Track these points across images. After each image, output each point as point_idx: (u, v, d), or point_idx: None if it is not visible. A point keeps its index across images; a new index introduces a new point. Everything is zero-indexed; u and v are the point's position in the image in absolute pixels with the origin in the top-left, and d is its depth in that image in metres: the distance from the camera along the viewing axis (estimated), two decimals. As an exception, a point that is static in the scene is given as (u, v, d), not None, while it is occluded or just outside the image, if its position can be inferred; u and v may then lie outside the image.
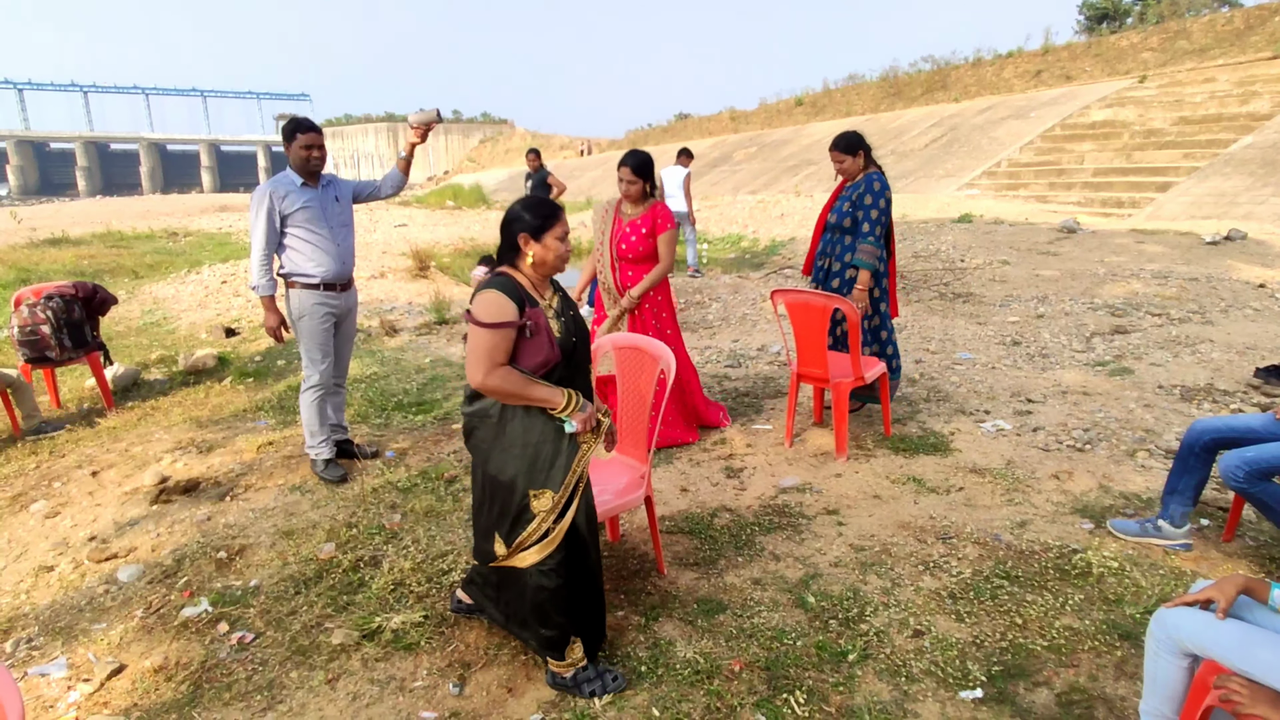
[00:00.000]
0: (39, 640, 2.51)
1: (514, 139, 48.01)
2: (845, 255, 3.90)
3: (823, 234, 4.05)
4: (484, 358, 1.99)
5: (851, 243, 3.85)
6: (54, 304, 4.61)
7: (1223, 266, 7.44)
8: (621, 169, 3.62)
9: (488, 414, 2.11)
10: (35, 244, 13.03)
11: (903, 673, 2.19)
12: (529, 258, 2.11)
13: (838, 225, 3.92)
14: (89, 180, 64.96)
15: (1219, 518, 2.98)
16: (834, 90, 26.94)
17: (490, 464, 2.12)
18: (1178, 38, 17.70)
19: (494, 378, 2.00)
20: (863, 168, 3.90)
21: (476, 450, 2.17)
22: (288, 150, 3.40)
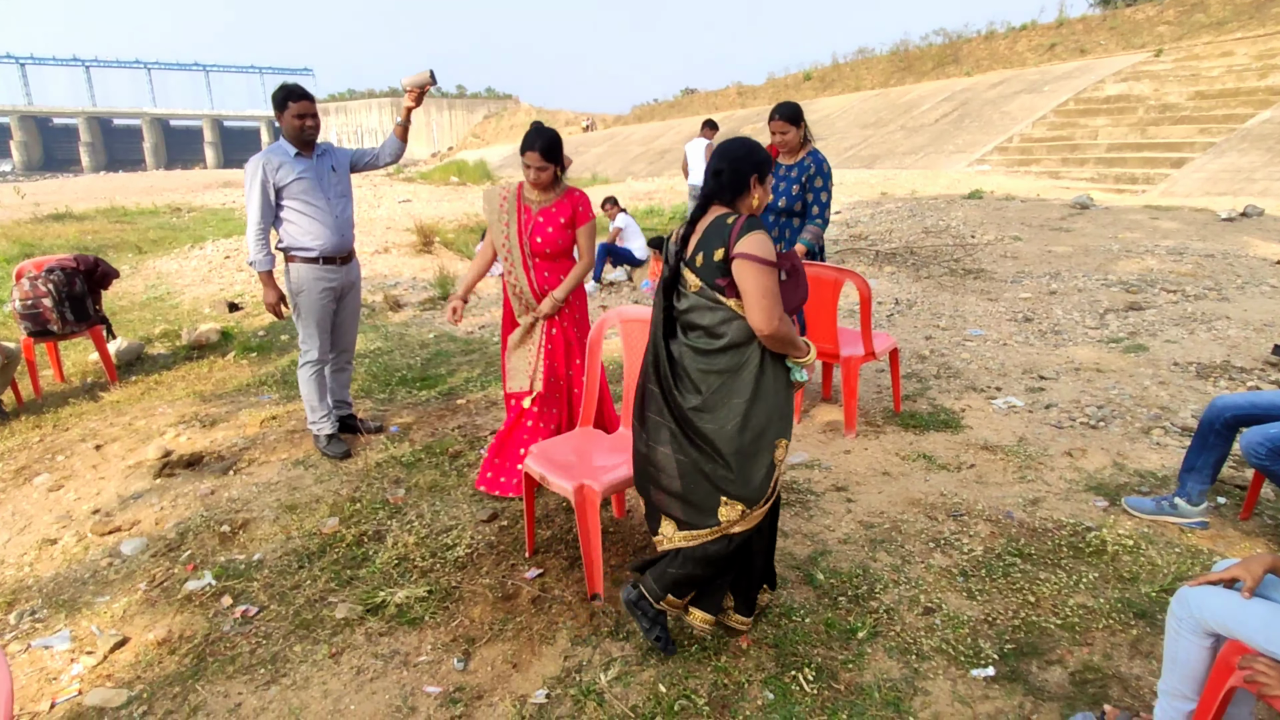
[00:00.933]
0: (42, 613, 2.50)
1: (518, 115, 47.55)
2: (796, 240, 3.70)
3: (764, 216, 3.75)
4: (774, 300, 1.88)
5: (801, 225, 3.70)
6: (55, 277, 4.57)
7: (1239, 243, 7.31)
8: (528, 154, 2.91)
9: (748, 363, 1.96)
10: (39, 219, 13.00)
11: (913, 650, 2.16)
12: (755, 199, 2.02)
13: (786, 209, 3.69)
14: (92, 156, 64.81)
15: (1236, 496, 2.92)
16: (843, 64, 26.54)
17: (750, 417, 1.96)
18: (1195, 10, 17.30)
19: (784, 322, 1.90)
20: (801, 143, 3.70)
21: (719, 406, 1.96)
22: (280, 120, 3.30)
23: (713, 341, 1.97)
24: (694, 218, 2.03)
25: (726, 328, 1.95)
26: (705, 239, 1.97)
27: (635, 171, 23.31)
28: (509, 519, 2.93)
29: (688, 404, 1.99)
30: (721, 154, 2.01)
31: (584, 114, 42.94)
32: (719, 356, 1.97)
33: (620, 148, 28.80)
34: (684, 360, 2.02)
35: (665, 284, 2.07)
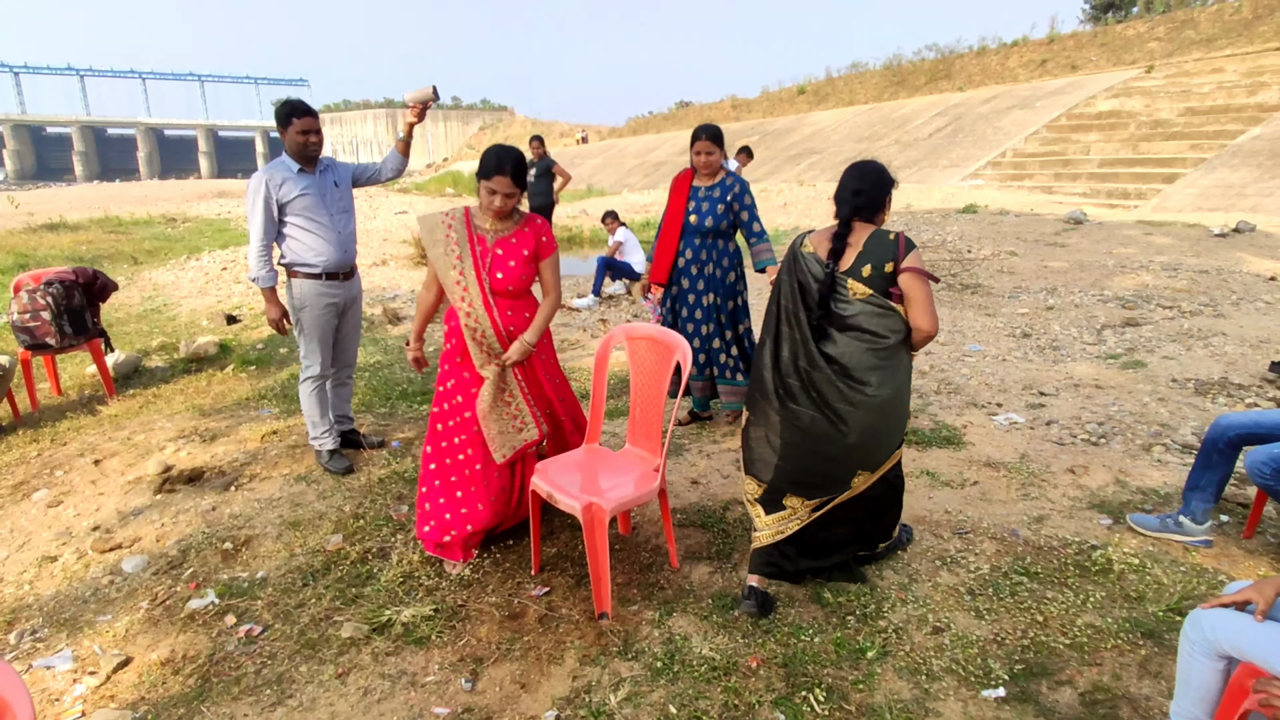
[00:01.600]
0: (43, 632, 2.47)
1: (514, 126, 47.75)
2: (724, 260, 3.70)
3: (684, 239, 3.71)
4: (934, 306, 2.28)
5: (725, 245, 3.70)
6: (54, 290, 4.54)
7: (1232, 259, 7.39)
8: (496, 178, 2.51)
9: (903, 358, 2.35)
10: (33, 229, 12.94)
11: (923, 670, 2.15)
12: (886, 217, 2.37)
13: (713, 229, 3.64)
14: (86, 165, 64.62)
15: (1239, 514, 2.94)
16: (837, 78, 26.80)
17: (900, 396, 2.36)
18: (1185, 27, 17.56)
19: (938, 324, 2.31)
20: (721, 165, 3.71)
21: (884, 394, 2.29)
22: (283, 135, 3.29)
23: (880, 341, 2.27)
24: (840, 233, 2.30)
25: (893, 329, 2.27)
26: (868, 253, 2.26)
27: (631, 183, 23.41)
28: (514, 536, 2.92)
29: (857, 395, 2.29)
30: (861, 175, 2.32)
31: (579, 125, 43.15)
32: (884, 353, 2.28)
33: (616, 160, 28.93)
34: (849, 358, 2.29)
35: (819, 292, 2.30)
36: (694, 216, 3.66)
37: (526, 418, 2.73)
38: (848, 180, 2.32)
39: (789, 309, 2.36)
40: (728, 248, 3.72)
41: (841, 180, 2.36)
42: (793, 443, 2.36)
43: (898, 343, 2.29)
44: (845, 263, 2.28)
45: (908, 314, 2.27)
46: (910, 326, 2.28)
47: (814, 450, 2.35)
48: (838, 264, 2.29)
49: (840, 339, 2.30)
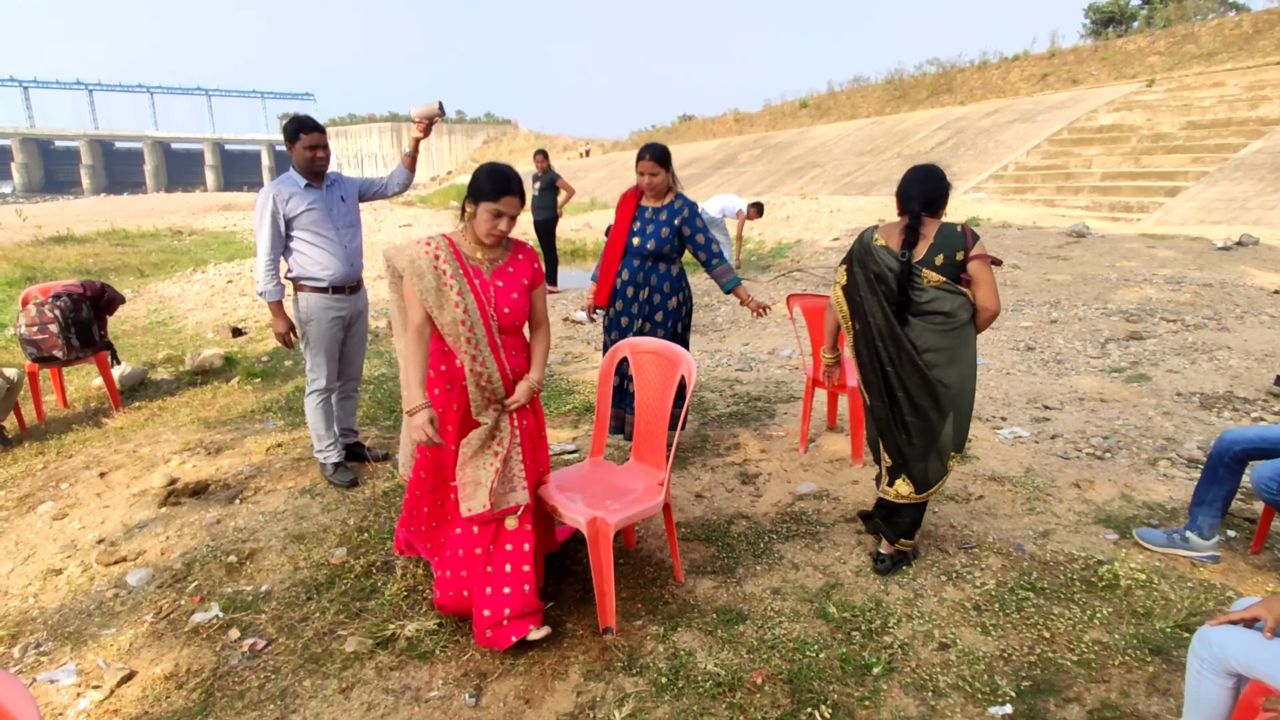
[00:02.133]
0: (47, 645, 2.47)
1: (518, 139, 48.06)
2: (664, 285, 3.51)
3: (624, 260, 3.52)
4: (997, 288, 2.54)
5: (668, 270, 3.50)
6: (62, 303, 4.57)
7: (1236, 272, 7.39)
8: (504, 199, 2.26)
9: (970, 336, 2.56)
10: (40, 242, 13.04)
11: (929, 687, 2.14)
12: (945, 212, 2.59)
13: (655, 252, 3.45)
14: (93, 178, 65.15)
15: (1246, 529, 2.92)
16: (839, 92, 26.93)
17: (972, 369, 2.58)
18: (1185, 42, 17.64)
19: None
20: (668, 187, 3.51)
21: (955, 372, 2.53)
22: (290, 151, 3.32)
23: (950, 321, 2.50)
24: (912, 227, 2.51)
25: (962, 310, 2.50)
26: (939, 244, 2.51)
27: (634, 197, 23.48)
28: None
29: (936, 375, 2.52)
30: (925, 177, 2.54)
31: (582, 139, 43.40)
32: (955, 333, 2.52)
33: (619, 173, 29.05)
34: (923, 339, 2.52)
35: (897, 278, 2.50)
36: (636, 238, 3.46)
37: (518, 478, 2.37)
38: (914, 180, 2.54)
39: (867, 300, 2.58)
40: (670, 272, 3.51)
41: (906, 181, 2.56)
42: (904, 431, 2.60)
43: (965, 321, 2.53)
44: (919, 254, 2.51)
45: (975, 296, 2.51)
46: (976, 307, 2.53)
47: (920, 433, 2.57)
48: (911, 254, 2.50)
49: (915, 323, 2.53)
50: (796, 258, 10.70)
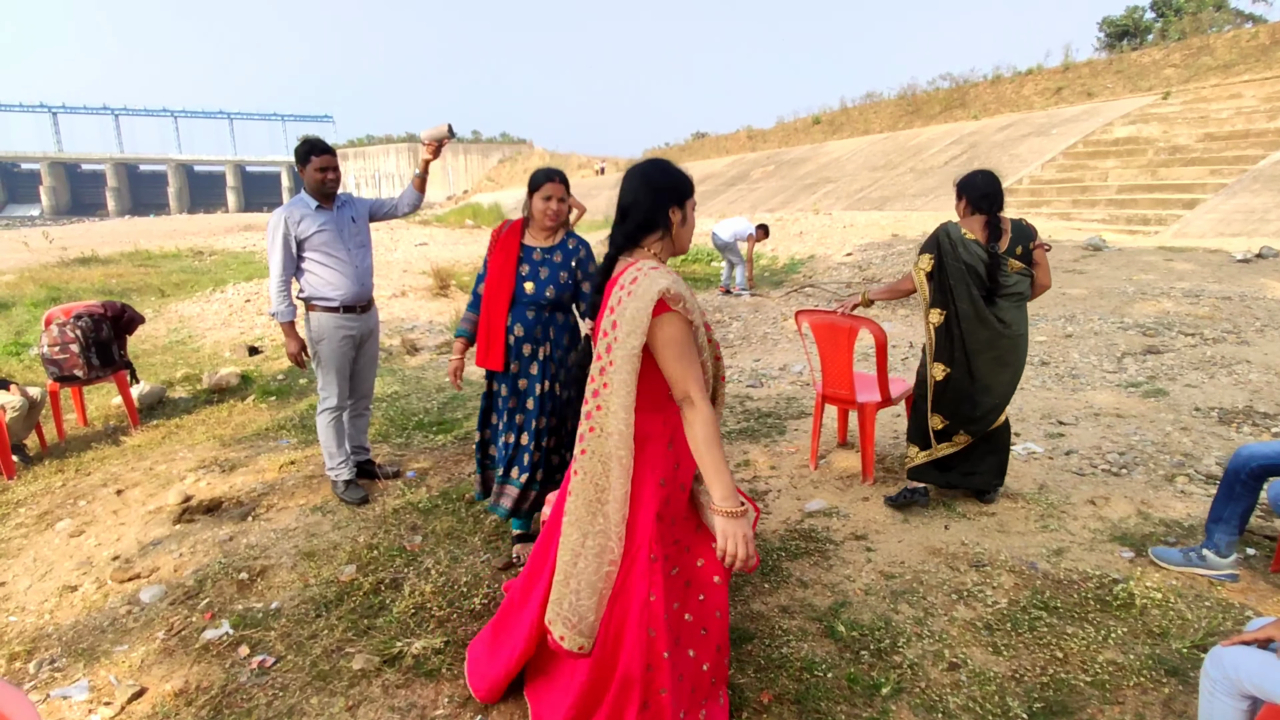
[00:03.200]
0: (61, 661, 2.50)
1: (532, 158, 48.55)
2: (564, 338, 2.90)
3: (513, 310, 2.83)
4: None
5: (565, 320, 2.91)
6: (83, 323, 4.67)
7: (1256, 285, 7.28)
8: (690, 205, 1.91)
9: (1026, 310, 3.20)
10: (65, 263, 13.31)
11: (939, 708, 2.11)
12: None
13: (553, 300, 2.82)
14: (118, 200, 66.60)
15: (1266, 547, 2.87)
16: (851, 108, 27.00)
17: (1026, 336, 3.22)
18: (1201, 54, 17.54)
19: None
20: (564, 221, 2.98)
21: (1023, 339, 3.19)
22: (302, 173, 3.39)
23: (1022, 298, 3.13)
24: (995, 224, 3.08)
25: (1028, 290, 3.13)
26: (1016, 237, 3.10)
27: (648, 214, 23.58)
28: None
29: (1014, 340, 3.14)
30: (995, 180, 3.11)
31: (597, 157, 43.78)
32: (1023, 309, 3.16)
33: (633, 190, 29.23)
34: (1007, 315, 3.11)
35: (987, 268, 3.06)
36: (529, 284, 2.81)
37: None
38: (989, 182, 3.09)
39: (957, 285, 3.09)
40: (568, 322, 2.93)
41: (980, 183, 3.10)
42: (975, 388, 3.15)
43: (1026, 300, 3.16)
44: (1002, 246, 3.07)
45: (1037, 276, 3.14)
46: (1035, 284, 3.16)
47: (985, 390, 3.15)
48: (998, 246, 3.06)
49: (1002, 303, 3.09)
50: (809, 273, 10.69)
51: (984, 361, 3.11)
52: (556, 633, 1.83)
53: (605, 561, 1.78)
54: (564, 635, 1.82)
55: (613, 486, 1.75)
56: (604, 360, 1.76)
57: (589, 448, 1.80)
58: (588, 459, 1.80)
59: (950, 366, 3.16)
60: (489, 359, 2.86)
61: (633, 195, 1.81)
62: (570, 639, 1.82)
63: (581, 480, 1.80)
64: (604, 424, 1.77)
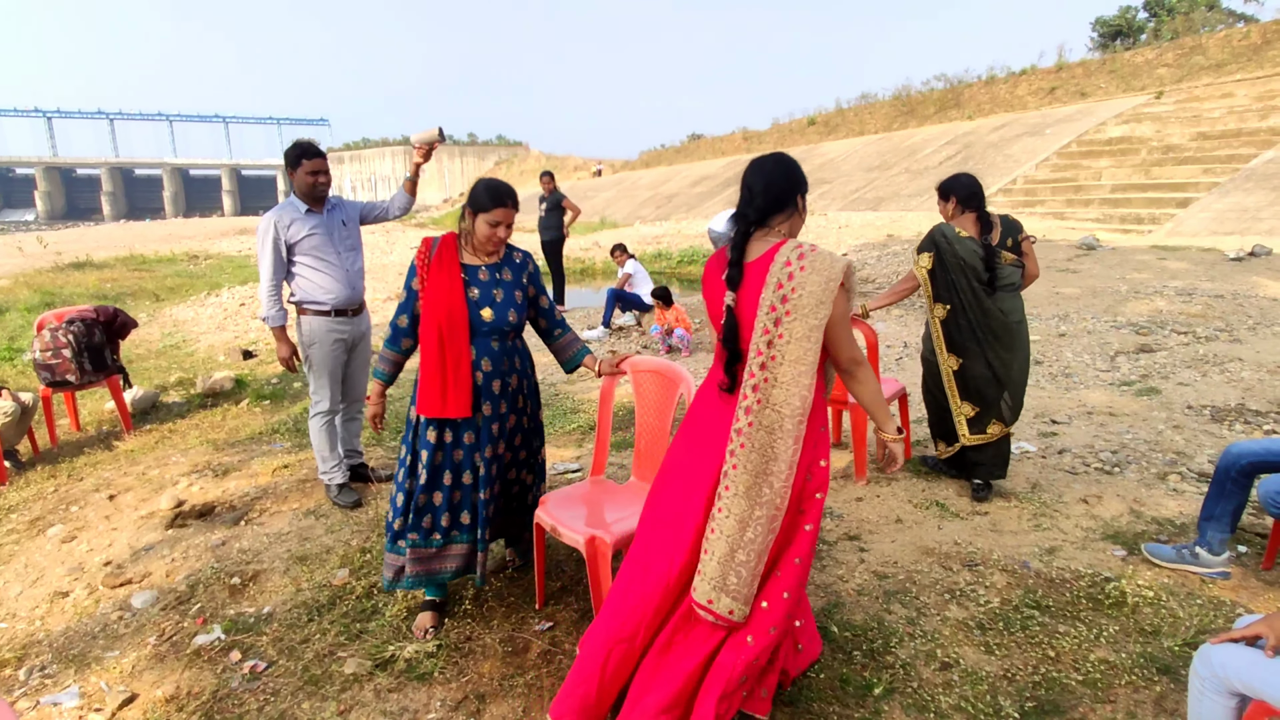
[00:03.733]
0: (52, 668, 2.49)
1: (529, 161, 48.55)
2: (526, 365, 2.61)
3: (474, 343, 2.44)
4: None
5: (521, 345, 2.60)
6: (75, 328, 4.65)
7: (1248, 283, 7.31)
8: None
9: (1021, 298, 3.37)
10: (60, 268, 13.29)
11: (931, 708, 2.11)
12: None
13: (515, 325, 2.51)
14: (114, 205, 66.42)
15: (1258, 544, 2.87)
16: (846, 109, 27.06)
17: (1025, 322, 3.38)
18: (1193, 54, 17.61)
19: None
20: None
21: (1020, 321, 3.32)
22: (292, 176, 3.37)
23: (1015, 289, 3.30)
24: (986, 219, 3.29)
25: (1020, 280, 3.32)
26: (1006, 231, 3.29)
27: (644, 215, 23.66)
28: (518, 570, 2.91)
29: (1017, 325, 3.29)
30: (971, 181, 3.31)
31: (593, 159, 43.79)
32: (1018, 298, 3.33)
33: (629, 192, 29.28)
34: (1005, 304, 3.25)
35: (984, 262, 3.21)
36: (487, 310, 2.43)
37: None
38: (975, 183, 3.30)
39: (958, 280, 3.23)
40: (522, 347, 2.62)
41: (967, 183, 3.30)
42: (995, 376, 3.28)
43: (1020, 285, 3.34)
44: (994, 239, 3.24)
45: (1027, 266, 3.35)
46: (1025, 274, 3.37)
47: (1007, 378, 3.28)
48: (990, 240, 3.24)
49: (999, 294, 3.24)
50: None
51: (996, 350, 3.25)
52: (722, 607, 1.85)
53: (773, 529, 1.85)
54: (733, 609, 1.85)
55: (779, 456, 1.83)
56: (772, 334, 1.82)
57: (755, 420, 1.85)
58: (754, 431, 1.85)
59: (964, 357, 3.30)
60: (450, 404, 2.37)
61: (767, 179, 1.95)
62: (739, 611, 1.86)
63: (747, 452, 1.85)
64: (770, 396, 1.84)
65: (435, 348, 2.36)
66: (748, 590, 1.85)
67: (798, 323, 1.80)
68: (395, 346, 2.57)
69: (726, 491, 1.87)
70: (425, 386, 2.40)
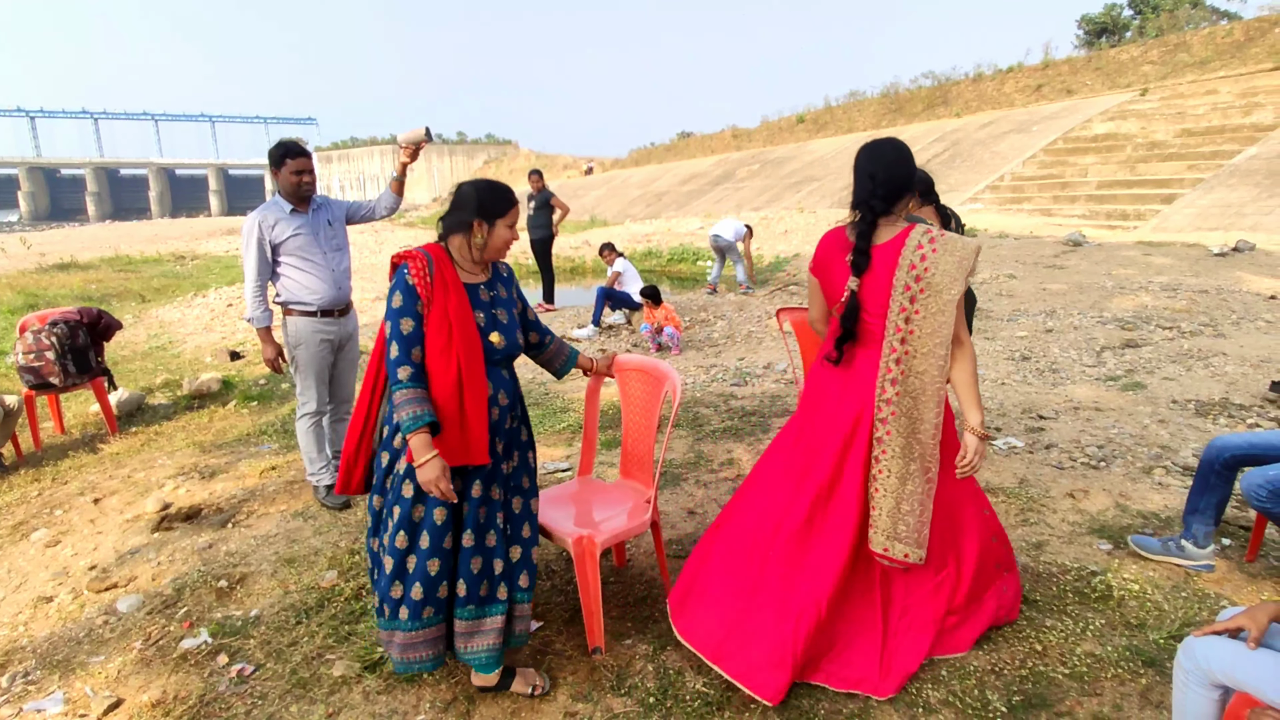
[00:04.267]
0: (36, 674, 2.46)
1: (518, 159, 48.40)
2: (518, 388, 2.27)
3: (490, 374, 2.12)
4: None
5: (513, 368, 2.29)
6: (59, 330, 4.61)
7: (1232, 278, 7.38)
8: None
9: None
10: (44, 269, 13.15)
11: (919, 703, 2.12)
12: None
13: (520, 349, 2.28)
14: (99, 205, 65.72)
15: (1241, 537, 2.90)
16: (835, 107, 27.11)
17: None
18: (1178, 51, 17.75)
19: None
20: None
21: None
22: (276, 176, 3.34)
23: None
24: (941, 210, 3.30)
25: None
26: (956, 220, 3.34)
27: (634, 214, 23.64)
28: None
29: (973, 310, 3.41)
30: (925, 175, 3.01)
31: (583, 158, 43.71)
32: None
33: (619, 191, 29.24)
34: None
35: None
36: (495, 335, 2.13)
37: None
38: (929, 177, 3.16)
39: None
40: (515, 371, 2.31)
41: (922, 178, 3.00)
42: None
43: None
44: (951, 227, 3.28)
45: None
46: None
47: None
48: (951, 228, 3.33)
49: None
50: (794, 271, 10.73)
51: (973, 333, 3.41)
52: (897, 552, 2.12)
53: (929, 479, 2.11)
54: (908, 553, 2.12)
55: (925, 417, 2.08)
56: (908, 310, 2.05)
57: (901, 389, 2.09)
58: (901, 399, 2.09)
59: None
60: (469, 451, 2.04)
61: (889, 168, 2.10)
62: (914, 554, 2.12)
63: (898, 418, 2.09)
64: (912, 366, 2.07)
65: (453, 385, 2.00)
66: (918, 536, 2.11)
67: (932, 299, 2.01)
68: (424, 384, 2.01)
69: (884, 455, 2.11)
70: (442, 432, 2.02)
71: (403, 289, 2.02)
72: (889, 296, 2.06)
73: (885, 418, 2.10)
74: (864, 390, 2.15)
